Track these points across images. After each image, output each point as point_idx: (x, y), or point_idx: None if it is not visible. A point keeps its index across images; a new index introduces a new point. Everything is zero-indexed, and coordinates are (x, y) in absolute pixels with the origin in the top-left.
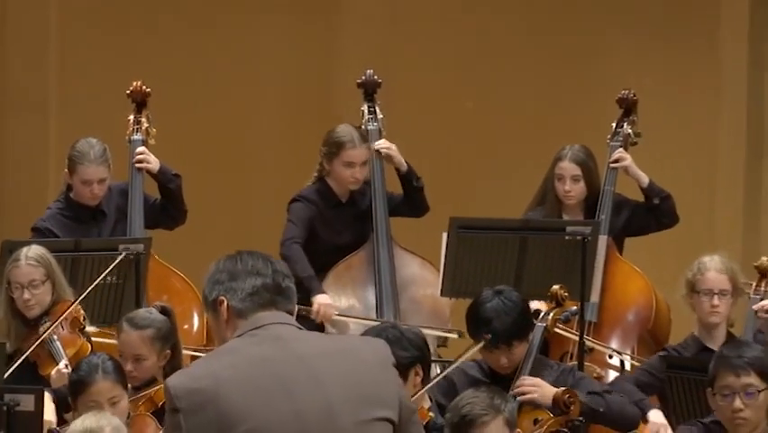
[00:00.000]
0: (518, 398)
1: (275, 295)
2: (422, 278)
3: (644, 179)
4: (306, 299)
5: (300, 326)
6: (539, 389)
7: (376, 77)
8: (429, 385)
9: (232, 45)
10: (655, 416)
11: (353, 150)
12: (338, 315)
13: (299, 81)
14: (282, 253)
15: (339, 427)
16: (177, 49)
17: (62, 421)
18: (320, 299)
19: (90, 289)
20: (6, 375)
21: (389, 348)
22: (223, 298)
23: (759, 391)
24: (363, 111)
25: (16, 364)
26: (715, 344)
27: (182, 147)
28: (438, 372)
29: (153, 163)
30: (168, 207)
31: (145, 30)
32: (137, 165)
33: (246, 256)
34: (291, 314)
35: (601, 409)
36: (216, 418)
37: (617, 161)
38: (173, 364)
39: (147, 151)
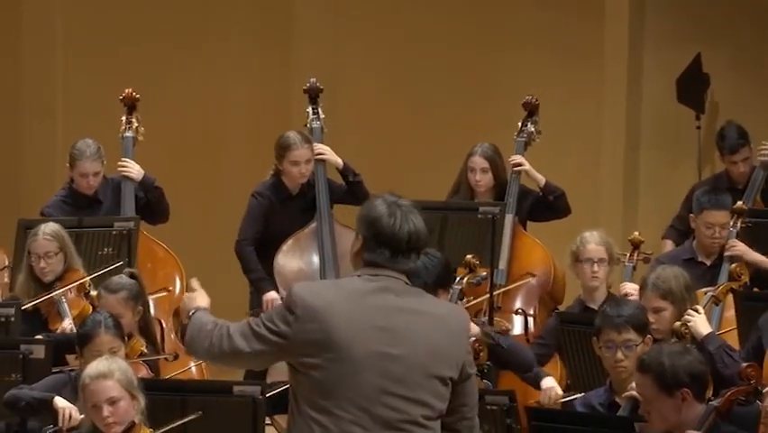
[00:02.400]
0: None
1: (397, 256)
2: None
3: (541, 181)
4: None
5: (409, 282)
6: None
7: (318, 84)
8: None
9: (207, 61)
10: (547, 382)
11: (297, 150)
12: None
13: (260, 91)
14: (236, 250)
15: (413, 375)
16: (162, 64)
17: (64, 363)
18: (269, 296)
19: (103, 272)
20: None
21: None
22: (361, 237)
23: (636, 345)
24: (308, 112)
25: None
26: (595, 304)
27: (165, 143)
28: None
29: (136, 173)
30: (151, 208)
31: (136, 49)
32: (119, 170)
33: (400, 219)
34: (406, 273)
35: (503, 346)
36: (320, 334)
37: (517, 165)
38: (145, 319)
39: (131, 161)
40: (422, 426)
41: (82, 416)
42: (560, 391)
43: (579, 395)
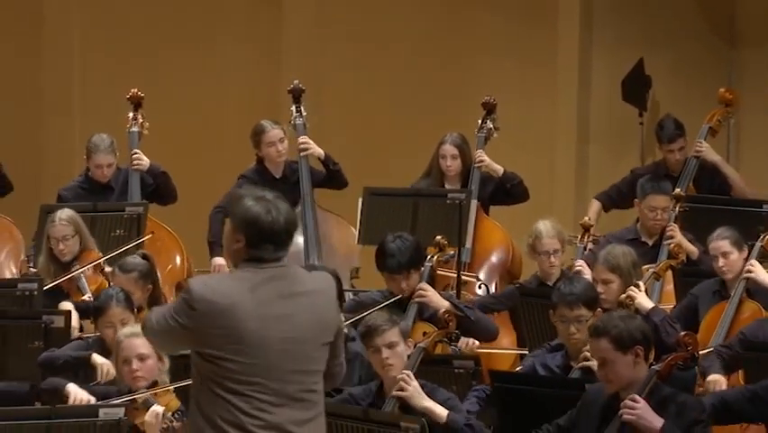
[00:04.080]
0: (416, 300)
1: (280, 247)
2: (338, 230)
3: (499, 171)
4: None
5: (287, 265)
6: (432, 294)
7: (301, 85)
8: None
9: (204, 64)
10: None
11: (270, 132)
12: None
13: (252, 90)
14: (209, 216)
15: (309, 350)
16: (165, 67)
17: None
18: (216, 261)
19: (117, 253)
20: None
21: (335, 283)
22: (241, 237)
23: (587, 320)
24: (292, 110)
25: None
26: (550, 281)
27: (167, 136)
28: (351, 297)
29: (145, 163)
30: (159, 192)
31: (143, 53)
32: (133, 166)
33: (275, 213)
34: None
35: (472, 318)
36: (222, 329)
37: (479, 162)
38: (154, 296)
39: (140, 153)
40: (315, 391)
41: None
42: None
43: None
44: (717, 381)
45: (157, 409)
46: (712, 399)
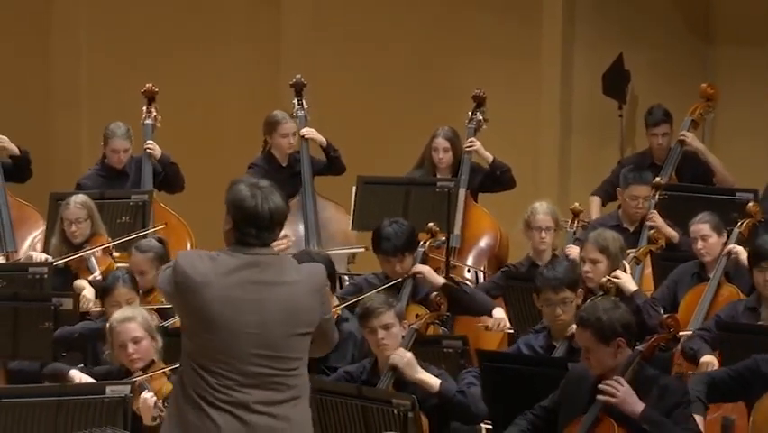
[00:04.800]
0: (414, 270)
1: (263, 232)
2: (336, 217)
3: (490, 158)
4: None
5: (273, 253)
6: (430, 272)
7: (303, 80)
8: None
9: (209, 61)
10: (498, 312)
11: (286, 124)
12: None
13: (254, 85)
14: None
15: (275, 337)
16: (171, 63)
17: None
18: None
19: (128, 239)
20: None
21: (324, 278)
22: (230, 219)
23: (571, 301)
24: (294, 103)
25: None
26: (542, 262)
27: (178, 129)
28: (348, 281)
29: (157, 152)
30: (168, 181)
31: (148, 51)
32: (147, 151)
33: (261, 199)
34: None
35: (467, 292)
36: (194, 304)
37: (470, 145)
38: None
39: (154, 144)
40: (285, 375)
41: None
42: (507, 324)
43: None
44: (710, 361)
45: (146, 396)
46: (704, 379)
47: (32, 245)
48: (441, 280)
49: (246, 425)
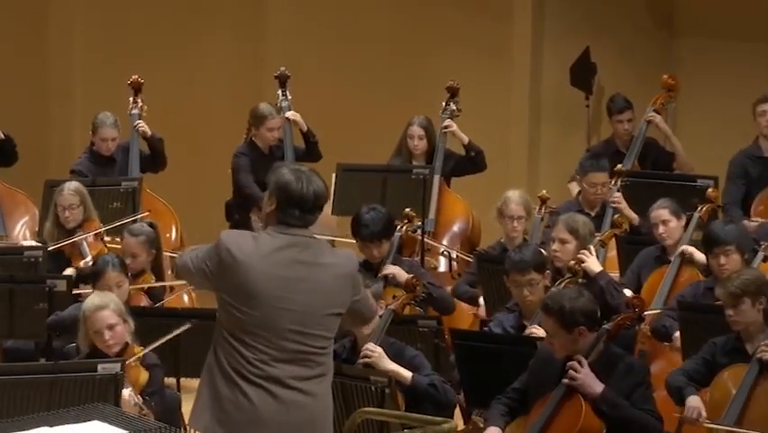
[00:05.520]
0: (385, 272)
1: (306, 214)
2: None
3: (465, 139)
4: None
5: (311, 235)
6: (400, 272)
7: (287, 71)
8: None
9: (196, 53)
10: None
11: (273, 120)
12: None
13: (239, 76)
14: (250, 194)
15: (312, 316)
16: (160, 55)
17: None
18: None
19: (115, 226)
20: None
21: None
22: (273, 200)
23: (538, 283)
24: (278, 94)
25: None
26: (513, 246)
27: (163, 118)
28: None
29: (147, 129)
30: (153, 159)
31: (139, 45)
32: (139, 129)
33: (305, 183)
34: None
35: (435, 295)
36: (237, 280)
37: (446, 127)
38: (157, 260)
39: (144, 122)
40: (318, 354)
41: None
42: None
43: None
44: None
45: (124, 393)
46: (680, 372)
47: (22, 230)
48: (407, 277)
49: (278, 399)
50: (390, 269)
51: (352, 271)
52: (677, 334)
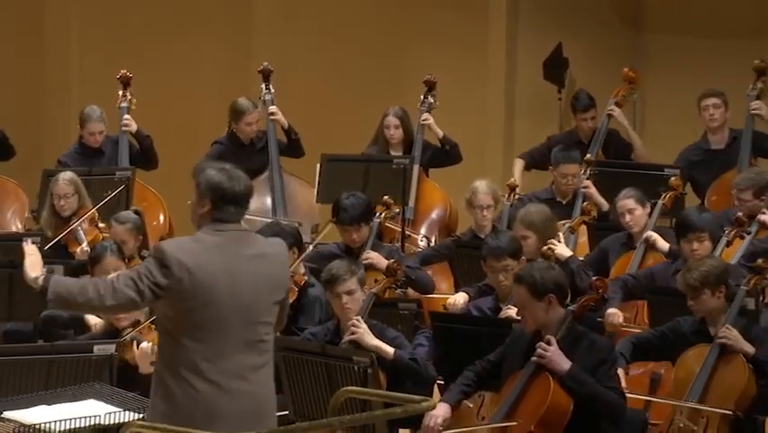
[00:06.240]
0: (364, 261)
1: (240, 209)
2: (300, 190)
3: (440, 133)
4: None
5: (245, 229)
6: (378, 258)
7: (270, 66)
8: (303, 257)
9: (186, 49)
10: (460, 296)
11: (251, 115)
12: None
13: (226, 71)
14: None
15: (262, 306)
16: (152, 52)
17: None
18: None
19: (104, 202)
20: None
21: (286, 250)
22: (207, 201)
23: (513, 268)
24: (262, 88)
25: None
26: (483, 234)
27: (152, 113)
28: (311, 248)
29: (133, 127)
30: (143, 156)
31: (132, 42)
32: (123, 128)
33: (236, 180)
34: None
35: (413, 277)
36: (190, 284)
37: (425, 120)
38: (144, 246)
39: (130, 118)
40: (265, 341)
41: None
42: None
43: None
44: (615, 313)
45: (145, 345)
46: (631, 339)
47: (13, 218)
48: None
49: (230, 391)
50: (370, 254)
51: (287, 259)
52: (609, 311)
